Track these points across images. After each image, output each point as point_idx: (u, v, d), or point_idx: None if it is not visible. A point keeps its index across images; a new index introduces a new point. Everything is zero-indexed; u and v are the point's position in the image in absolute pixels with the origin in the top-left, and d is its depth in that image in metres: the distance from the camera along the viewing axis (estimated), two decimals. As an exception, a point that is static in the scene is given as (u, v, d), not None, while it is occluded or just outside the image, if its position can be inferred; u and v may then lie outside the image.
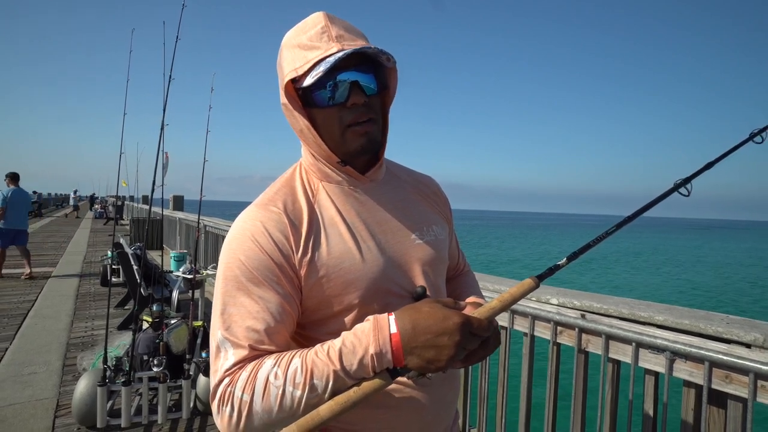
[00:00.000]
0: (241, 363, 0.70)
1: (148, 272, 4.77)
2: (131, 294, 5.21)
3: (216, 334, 0.73)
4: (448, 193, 1.06)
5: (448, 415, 0.92)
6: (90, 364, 3.65)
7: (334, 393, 0.66)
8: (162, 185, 3.33)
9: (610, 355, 1.65)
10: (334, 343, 0.68)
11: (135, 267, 4.75)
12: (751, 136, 0.90)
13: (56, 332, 4.63)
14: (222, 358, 0.71)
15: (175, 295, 5.40)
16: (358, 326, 0.70)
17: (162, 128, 3.10)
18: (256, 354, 0.71)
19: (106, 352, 2.93)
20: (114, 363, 2.91)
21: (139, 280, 4.41)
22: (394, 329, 0.66)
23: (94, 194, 37.50)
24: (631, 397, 1.60)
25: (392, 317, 0.68)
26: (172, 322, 3.36)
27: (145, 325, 3.54)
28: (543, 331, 1.93)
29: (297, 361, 0.68)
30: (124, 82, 3.28)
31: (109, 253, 6.45)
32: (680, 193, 0.81)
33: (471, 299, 0.94)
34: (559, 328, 1.86)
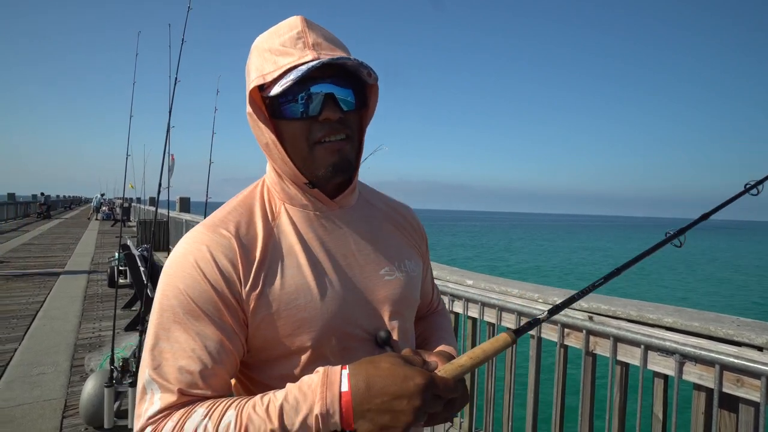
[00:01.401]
0: (167, 410, 0.62)
1: (155, 273, 4.79)
2: (138, 295, 5.24)
3: (144, 373, 0.64)
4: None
5: None
6: (97, 365, 3.67)
7: None
8: (168, 187, 3.34)
9: (618, 358, 1.63)
10: (276, 397, 0.60)
11: (142, 268, 4.77)
12: (746, 189, 0.90)
13: (64, 333, 4.67)
14: (147, 402, 0.63)
15: (181, 296, 5.40)
16: (305, 378, 0.61)
17: (168, 130, 3.11)
18: (186, 400, 0.63)
19: (113, 353, 2.95)
20: (121, 364, 2.92)
21: (146, 282, 4.43)
22: (345, 387, 0.58)
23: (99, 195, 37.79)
24: (640, 401, 1.58)
25: (345, 372, 0.59)
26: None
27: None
28: (550, 334, 1.91)
29: (231, 414, 0.59)
30: (125, 83, 3.33)
31: (117, 254, 6.49)
32: (673, 245, 0.80)
33: (441, 348, 0.85)
34: (566, 330, 1.84)
